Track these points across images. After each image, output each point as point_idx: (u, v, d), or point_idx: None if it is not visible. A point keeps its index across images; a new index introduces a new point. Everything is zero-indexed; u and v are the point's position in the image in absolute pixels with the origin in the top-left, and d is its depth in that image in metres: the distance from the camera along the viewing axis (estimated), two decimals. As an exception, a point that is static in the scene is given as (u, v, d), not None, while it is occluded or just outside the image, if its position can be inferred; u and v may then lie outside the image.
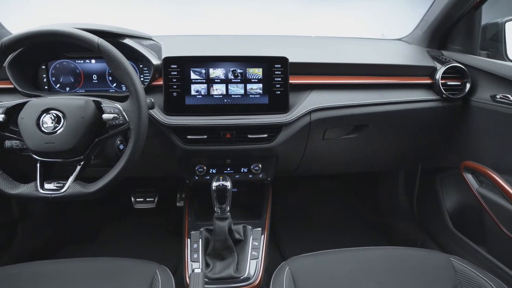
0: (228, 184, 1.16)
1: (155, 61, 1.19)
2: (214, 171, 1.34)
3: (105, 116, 0.97)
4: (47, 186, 0.96)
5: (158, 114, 1.18)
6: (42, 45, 1.17)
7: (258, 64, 1.19)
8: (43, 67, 1.25)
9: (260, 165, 1.33)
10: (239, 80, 1.19)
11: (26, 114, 0.96)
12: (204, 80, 1.18)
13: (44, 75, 1.26)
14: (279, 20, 2.23)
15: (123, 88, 1.28)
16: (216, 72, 1.18)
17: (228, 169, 1.34)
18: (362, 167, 1.71)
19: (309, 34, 1.60)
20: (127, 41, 1.20)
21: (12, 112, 0.98)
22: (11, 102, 0.99)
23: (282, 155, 1.33)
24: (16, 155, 1.05)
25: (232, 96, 1.20)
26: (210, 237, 1.24)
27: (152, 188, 1.92)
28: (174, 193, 1.57)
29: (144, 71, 1.27)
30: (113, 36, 1.18)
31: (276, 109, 1.21)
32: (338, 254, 1.06)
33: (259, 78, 1.19)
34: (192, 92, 1.18)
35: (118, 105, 0.99)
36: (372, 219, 2.07)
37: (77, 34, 0.95)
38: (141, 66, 1.27)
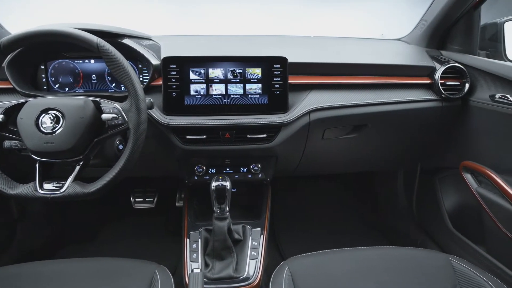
0: (227, 184, 1.16)
1: (154, 61, 1.19)
2: (213, 171, 1.33)
3: (104, 116, 0.97)
4: (46, 186, 0.96)
5: (157, 114, 1.18)
6: (41, 45, 1.17)
7: (257, 64, 1.19)
8: (42, 67, 1.25)
9: (259, 165, 1.33)
10: (238, 80, 1.19)
11: (25, 114, 0.95)
12: (203, 80, 1.18)
13: (43, 75, 1.25)
14: (279, 20, 2.23)
15: (122, 88, 1.28)
16: (215, 72, 1.18)
17: (228, 169, 1.34)
18: (361, 167, 1.71)
19: (309, 34, 1.60)
20: (126, 41, 1.20)
21: (11, 112, 0.98)
22: (10, 102, 0.99)
23: (281, 155, 1.33)
24: (15, 155, 1.05)
25: (231, 96, 1.20)
26: (210, 237, 1.24)
27: (151, 188, 1.92)
28: (173, 193, 1.57)
29: (143, 71, 1.27)
30: (112, 36, 1.17)
31: (275, 109, 1.21)
32: (337, 254, 1.06)
33: (258, 78, 1.19)
34: (191, 92, 1.18)
35: (117, 105, 0.99)
36: (371, 219, 2.07)
37: (76, 34, 0.95)
38: (140, 66, 1.27)
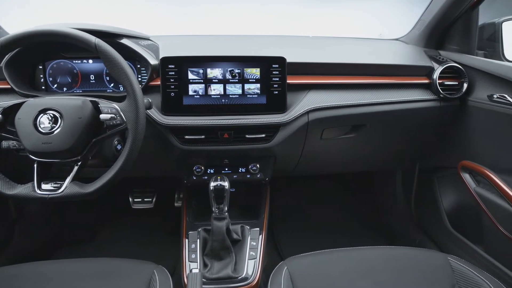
0: (226, 184, 1.16)
1: (152, 61, 1.19)
2: (212, 171, 1.33)
3: (102, 116, 0.97)
4: (44, 186, 0.96)
5: (156, 114, 1.17)
6: (39, 45, 1.17)
7: (256, 64, 1.19)
8: (40, 67, 1.25)
9: (258, 165, 1.33)
10: (237, 80, 1.19)
11: (23, 115, 0.95)
12: (202, 80, 1.18)
13: (41, 75, 1.25)
14: (279, 20, 2.23)
15: (121, 88, 1.28)
16: (214, 72, 1.18)
17: (226, 169, 1.34)
18: (360, 167, 1.72)
19: (308, 34, 1.60)
20: (125, 41, 1.20)
21: (9, 113, 0.98)
22: (8, 102, 0.99)
23: (280, 155, 1.33)
24: (13, 155, 1.05)
25: (230, 96, 1.20)
26: (208, 237, 1.24)
27: (150, 189, 1.92)
28: (172, 193, 1.57)
29: (142, 71, 1.27)
30: (110, 36, 1.17)
31: (274, 109, 1.21)
32: (336, 254, 1.06)
33: (257, 78, 1.19)
34: (190, 92, 1.18)
35: (116, 105, 0.99)
36: (370, 219, 2.07)
37: (74, 34, 0.95)
38: (138, 66, 1.27)
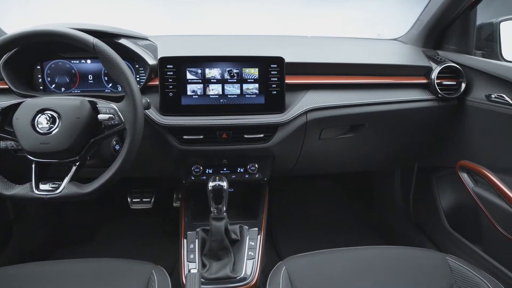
0: (224, 184, 1.16)
1: (151, 61, 1.19)
2: (210, 171, 1.33)
3: (100, 116, 0.97)
4: (43, 187, 0.96)
5: (154, 114, 1.17)
6: (37, 45, 1.17)
7: (254, 64, 1.19)
8: (38, 67, 1.25)
9: (256, 165, 1.32)
10: (235, 80, 1.19)
11: (21, 115, 0.95)
12: (200, 80, 1.18)
13: (39, 75, 1.25)
14: (279, 20, 2.24)
15: (119, 88, 1.28)
16: (212, 72, 1.18)
17: (225, 169, 1.34)
18: (358, 167, 1.72)
19: (308, 34, 1.60)
20: (123, 41, 1.20)
21: (7, 113, 0.98)
22: (6, 102, 0.99)
23: (278, 155, 1.33)
24: (11, 155, 1.05)
25: (228, 96, 1.20)
26: (207, 237, 1.24)
27: (148, 189, 1.92)
28: (170, 193, 1.57)
29: (140, 71, 1.27)
30: (108, 36, 1.17)
31: (272, 109, 1.21)
32: (334, 254, 1.06)
33: (255, 78, 1.19)
34: (188, 92, 1.18)
35: (114, 105, 0.98)
36: (368, 218, 2.07)
37: (72, 34, 0.94)
38: (137, 66, 1.27)
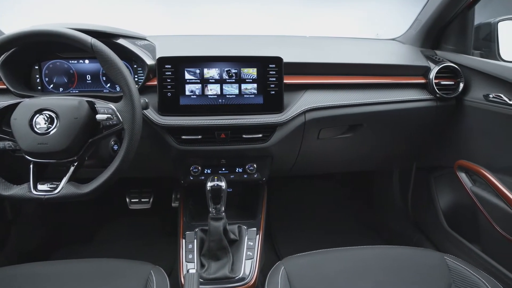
0: (223, 184, 1.16)
1: (149, 61, 1.19)
2: (209, 171, 1.33)
3: (98, 116, 0.97)
4: (40, 187, 0.96)
5: (152, 115, 1.17)
6: (35, 45, 1.16)
7: (253, 64, 1.19)
8: (36, 67, 1.24)
9: (255, 165, 1.32)
10: (234, 80, 1.19)
11: (19, 115, 0.95)
12: (199, 80, 1.18)
13: (37, 76, 1.25)
14: (279, 20, 2.24)
15: (117, 88, 1.28)
16: (211, 72, 1.18)
17: (223, 169, 1.33)
18: (357, 167, 1.72)
19: (307, 34, 1.60)
20: (121, 41, 1.20)
21: (5, 113, 0.98)
22: (4, 102, 0.98)
23: (277, 155, 1.33)
24: (9, 156, 1.04)
25: (227, 96, 1.20)
26: (205, 237, 1.24)
27: (147, 189, 1.92)
28: (169, 193, 1.57)
29: (138, 71, 1.26)
30: (106, 36, 1.17)
31: (270, 109, 1.21)
32: (333, 254, 1.06)
33: (254, 78, 1.19)
34: (187, 92, 1.18)
35: (112, 105, 0.98)
36: (366, 218, 2.08)
37: (70, 34, 0.94)
38: (135, 66, 1.26)
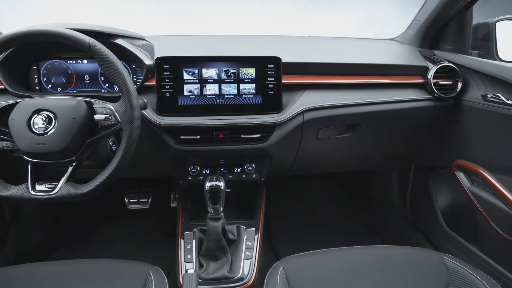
0: (221, 184, 1.16)
1: (147, 61, 1.19)
2: (207, 171, 1.33)
3: (97, 116, 0.96)
4: (39, 187, 0.95)
5: (151, 115, 1.17)
6: (33, 45, 1.16)
7: (251, 64, 1.19)
8: (34, 67, 1.24)
9: (253, 165, 1.33)
10: (232, 80, 1.19)
11: (17, 115, 0.95)
12: (197, 80, 1.18)
13: (35, 76, 1.24)
14: (279, 20, 2.24)
15: (116, 88, 1.28)
16: (209, 72, 1.18)
17: (222, 169, 1.33)
18: (355, 167, 1.72)
19: (306, 34, 1.60)
20: (119, 41, 1.20)
21: (3, 113, 0.97)
22: (2, 102, 0.98)
23: (275, 155, 1.33)
24: (7, 156, 1.04)
25: (225, 96, 1.20)
26: (204, 237, 1.24)
27: (145, 189, 1.91)
28: (168, 193, 1.57)
29: (137, 71, 1.26)
30: (105, 36, 1.17)
31: (269, 109, 1.21)
32: (332, 253, 1.06)
33: (252, 78, 1.19)
34: (185, 92, 1.18)
35: (110, 105, 0.98)
36: (365, 218, 2.08)
37: (68, 34, 0.94)
38: (133, 66, 1.26)
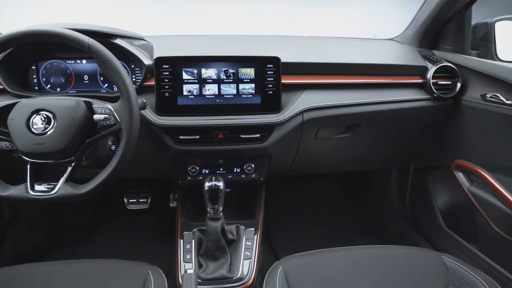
0: (220, 184, 1.16)
1: (146, 61, 1.19)
2: (206, 171, 1.33)
3: (96, 116, 0.96)
4: (38, 187, 0.95)
5: (150, 115, 1.17)
6: (32, 45, 1.16)
7: (250, 64, 1.19)
8: (33, 67, 1.24)
9: (253, 165, 1.33)
10: (231, 80, 1.19)
11: (16, 115, 0.95)
12: (196, 80, 1.18)
13: (34, 76, 1.24)
14: (278, 20, 2.24)
15: (115, 88, 1.27)
16: (208, 72, 1.18)
17: (221, 169, 1.33)
18: (354, 167, 1.72)
19: (307, 34, 1.60)
20: (118, 41, 1.20)
21: (2, 113, 0.97)
22: (0, 103, 0.98)
23: (274, 155, 1.33)
24: (6, 156, 1.04)
25: (225, 96, 1.20)
26: (203, 237, 1.24)
27: (145, 189, 1.91)
28: (167, 193, 1.57)
29: (136, 72, 1.26)
30: (104, 36, 1.17)
31: (268, 109, 1.21)
32: (331, 253, 1.06)
33: (251, 78, 1.19)
34: (184, 92, 1.18)
35: (109, 105, 0.98)
36: (364, 218, 2.08)
37: (67, 34, 0.94)
38: (132, 66, 1.26)
